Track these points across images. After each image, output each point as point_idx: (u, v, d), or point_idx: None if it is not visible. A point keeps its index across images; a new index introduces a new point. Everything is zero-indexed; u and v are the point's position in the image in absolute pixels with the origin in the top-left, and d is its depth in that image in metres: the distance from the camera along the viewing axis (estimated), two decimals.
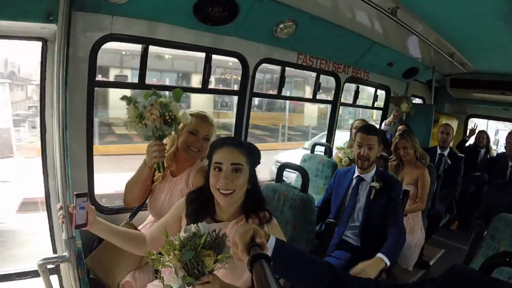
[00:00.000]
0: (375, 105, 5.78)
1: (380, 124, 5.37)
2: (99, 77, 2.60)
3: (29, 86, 10.03)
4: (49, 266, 1.92)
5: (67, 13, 1.99)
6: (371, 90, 5.57)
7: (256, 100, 13.64)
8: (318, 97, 4.52)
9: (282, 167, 2.74)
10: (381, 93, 5.67)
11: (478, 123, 6.89)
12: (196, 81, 11.34)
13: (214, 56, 3.18)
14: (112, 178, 4.99)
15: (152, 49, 2.80)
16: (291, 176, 4.62)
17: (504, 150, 5.75)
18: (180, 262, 1.39)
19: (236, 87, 3.62)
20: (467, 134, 6.59)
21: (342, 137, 4.89)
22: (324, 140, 5.03)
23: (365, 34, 3.83)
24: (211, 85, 3.38)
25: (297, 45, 3.64)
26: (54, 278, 2.14)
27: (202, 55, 3.15)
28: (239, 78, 3.49)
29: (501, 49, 4.09)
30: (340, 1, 3.13)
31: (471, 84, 5.96)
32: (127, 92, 2.53)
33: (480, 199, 5.41)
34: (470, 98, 6.45)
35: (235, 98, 3.62)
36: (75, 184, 2.31)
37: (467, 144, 6.53)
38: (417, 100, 6.58)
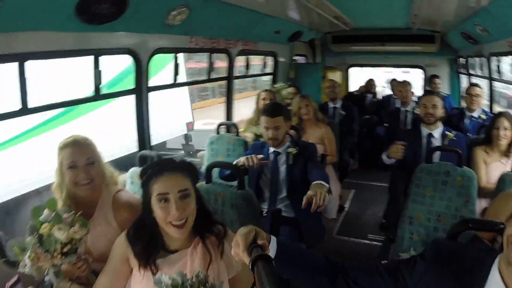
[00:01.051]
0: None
1: None
2: None
3: None
4: None
5: None
6: None
7: None
8: None
9: (211, 167, 2.59)
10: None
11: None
12: None
13: None
14: None
15: None
16: None
17: (389, 93, 6.69)
18: None
19: None
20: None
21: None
22: None
23: (254, 8, 3.80)
24: None
25: (190, 29, 3.47)
26: None
27: None
28: None
29: (381, 7, 4.48)
30: None
31: (352, 39, 6.57)
32: None
33: (373, 139, 6.10)
34: (351, 51, 7.06)
35: None
36: None
37: (354, 93, 7.16)
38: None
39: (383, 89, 9.98)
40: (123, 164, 2.73)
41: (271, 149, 2.94)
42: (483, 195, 2.90)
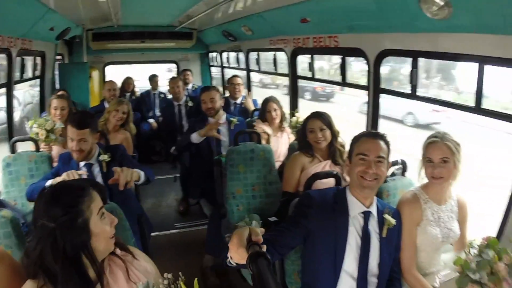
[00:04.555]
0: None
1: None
2: None
3: None
4: None
5: None
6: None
7: None
8: None
9: None
10: None
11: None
12: None
13: None
14: None
15: None
16: None
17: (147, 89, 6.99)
18: None
19: None
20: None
21: None
22: None
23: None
24: None
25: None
26: None
27: None
28: None
29: (155, 6, 4.72)
30: None
31: (113, 36, 6.49)
32: None
33: (139, 134, 6.12)
34: (109, 49, 6.90)
35: None
36: None
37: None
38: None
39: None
40: None
41: (82, 163, 2.75)
42: None
